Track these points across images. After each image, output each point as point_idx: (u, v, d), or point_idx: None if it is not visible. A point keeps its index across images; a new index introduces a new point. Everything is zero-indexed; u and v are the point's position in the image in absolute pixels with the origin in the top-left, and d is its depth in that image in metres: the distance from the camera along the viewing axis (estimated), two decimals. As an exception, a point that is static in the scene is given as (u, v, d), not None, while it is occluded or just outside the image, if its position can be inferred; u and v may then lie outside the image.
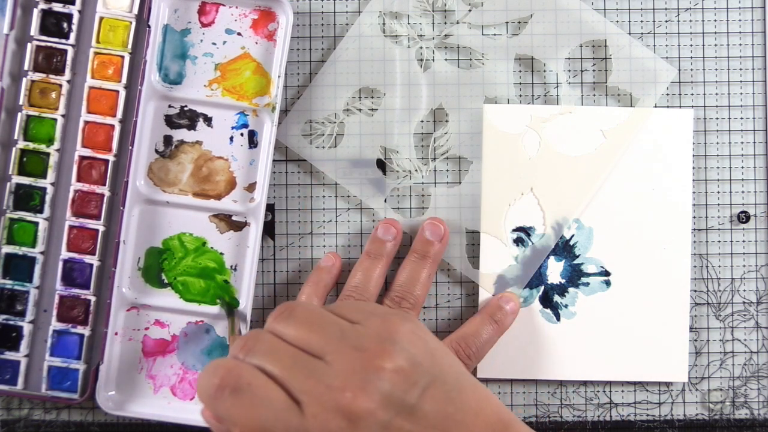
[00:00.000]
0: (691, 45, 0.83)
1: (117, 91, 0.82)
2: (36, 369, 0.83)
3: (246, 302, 0.81)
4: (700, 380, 0.84)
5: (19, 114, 0.82)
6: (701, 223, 0.83)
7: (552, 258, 0.83)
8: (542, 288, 0.83)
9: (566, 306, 0.82)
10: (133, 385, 0.83)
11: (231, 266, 0.82)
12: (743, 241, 0.83)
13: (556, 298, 0.82)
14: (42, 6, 0.81)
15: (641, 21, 0.83)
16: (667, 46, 0.83)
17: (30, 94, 0.82)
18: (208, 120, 0.82)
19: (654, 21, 0.83)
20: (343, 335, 0.60)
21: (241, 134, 0.82)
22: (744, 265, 0.83)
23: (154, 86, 0.81)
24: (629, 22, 0.83)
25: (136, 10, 0.82)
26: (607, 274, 0.82)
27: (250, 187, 0.82)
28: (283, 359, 0.59)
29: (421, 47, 0.83)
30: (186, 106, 0.82)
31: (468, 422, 0.60)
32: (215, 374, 0.59)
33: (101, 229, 0.82)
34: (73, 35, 0.82)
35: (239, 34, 0.82)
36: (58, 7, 0.81)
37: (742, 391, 0.84)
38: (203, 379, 0.60)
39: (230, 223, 0.82)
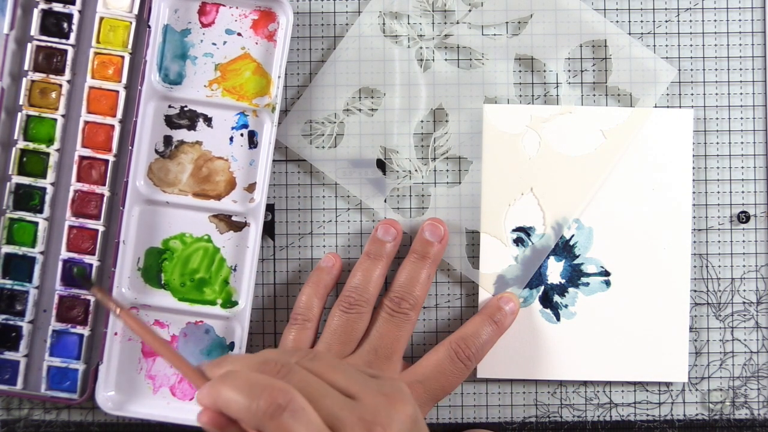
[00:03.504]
0: (691, 45, 0.83)
1: (117, 92, 0.82)
2: (35, 369, 0.83)
3: (246, 302, 0.81)
4: (700, 380, 0.84)
5: (19, 114, 0.82)
6: (701, 223, 0.83)
7: (552, 258, 0.83)
8: (542, 288, 0.83)
9: (566, 306, 0.82)
10: (133, 385, 0.83)
11: (231, 266, 0.82)
12: (743, 241, 0.83)
13: (556, 298, 0.82)
14: (42, 6, 0.81)
15: (641, 21, 0.83)
16: (667, 46, 0.83)
17: (30, 94, 0.82)
18: (208, 120, 0.82)
19: (654, 21, 0.83)
20: (366, 381, 0.64)
21: (241, 134, 0.82)
22: (744, 265, 0.83)
23: (154, 86, 0.81)
24: (629, 22, 0.83)
25: (136, 10, 0.82)
26: (607, 274, 0.82)
27: (250, 188, 0.82)
28: (318, 388, 0.62)
29: (421, 47, 0.83)
30: (186, 106, 0.82)
31: None
32: (266, 394, 0.60)
33: (101, 229, 0.82)
34: (73, 35, 0.82)
35: (239, 34, 0.82)
36: (58, 7, 0.81)
37: (742, 391, 0.84)
38: (245, 398, 0.60)
39: (230, 223, 0.82)
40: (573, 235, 0.82)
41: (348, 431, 0.60)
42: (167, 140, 0.82)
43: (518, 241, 0.83)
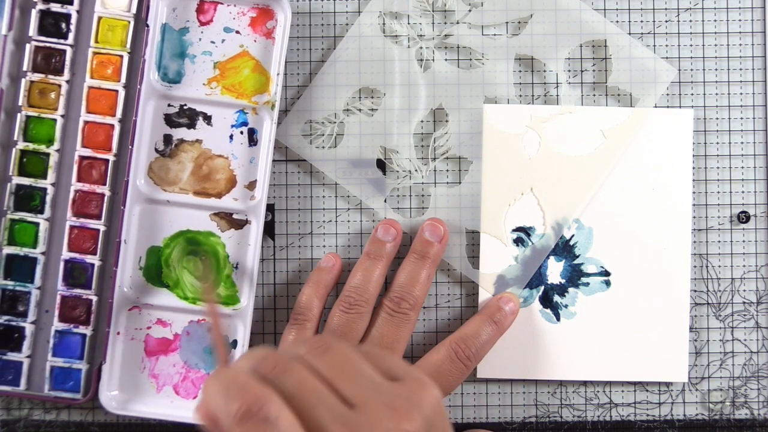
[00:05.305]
0: (691, 45, 0.83)
1: (116, 91, 0.82)
2: (38, 369, 0.83)
3: (248, 300, 0.82)
4: (700, 380, 0.84)
5: (19, 115, 0.82)
6: (701, 223, 0.83)
7: (552, 258, 0.83)
8: (542, 288, 0.83)
9: (566, 306, 0.83)
10: (136, 385, 0.83)
11: (232, 264, 0.82)
12: (743, 241, 0.83)
13: (556, 298, 0.83)
14: (40, 6, 0.81)
15: (641, 21, 0.83)
16: (667, 46, 0.83)
17: (29, 94, 0.82)
18: (207, 118, 0.82)
19: (654, 21, 0.83)
20: (377, 390, 0.59)
21: (241, 132, 0.82)
22: (744, 265, 0.83)
23: (154, 85, 0.81)
24: (629, 22, 0.83)
25: (134, 10, 0.81)
26: (607, 274, 0.82)
27: (251, 185, 0.82)
28: (313, 395, 0.57)
29: (421, 47, 0.83)
30: (185, 104, 0.82)
31: None
32: (240, 397, 0.56)
33: (102, 228, 0.82)
34: (71, 35, 0.81)
35: (238, 32, 0.82)
36: (56, 7, 0.81)
37: (742, 391, 0.84)
38: (222, 398, 0.57)
39: (231, 221, 0.82)
40: (573, 235, 0.82)
41: None
42: (167, 139, 0.82)
43: (518, 241, 0.83)
